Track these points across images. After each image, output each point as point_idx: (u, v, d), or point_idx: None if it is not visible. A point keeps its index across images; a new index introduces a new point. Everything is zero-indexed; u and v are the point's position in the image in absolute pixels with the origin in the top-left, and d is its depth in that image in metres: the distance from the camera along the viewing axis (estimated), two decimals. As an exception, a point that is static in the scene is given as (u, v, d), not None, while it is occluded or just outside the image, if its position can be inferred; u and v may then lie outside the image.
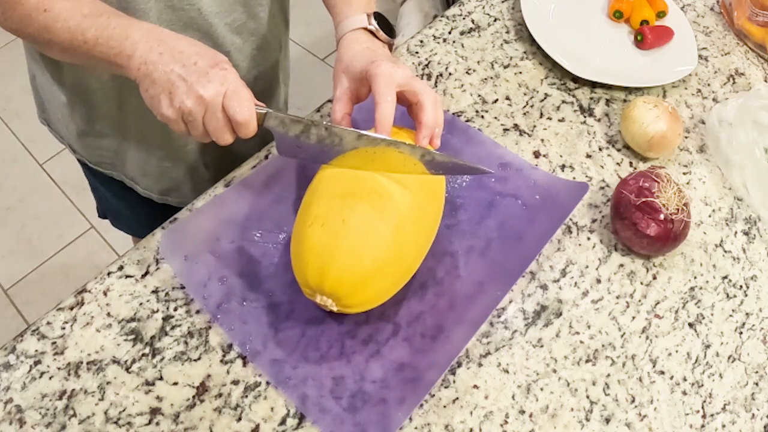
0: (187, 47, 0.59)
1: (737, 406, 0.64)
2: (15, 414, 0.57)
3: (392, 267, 0.59)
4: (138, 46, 0.58)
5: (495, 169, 0.75)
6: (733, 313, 0.70)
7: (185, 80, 0.57)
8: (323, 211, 0.58)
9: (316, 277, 0.56)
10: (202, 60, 0.58)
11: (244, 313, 0.63)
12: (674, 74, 0.88)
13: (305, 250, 0.57)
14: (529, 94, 0.86)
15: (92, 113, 0.81)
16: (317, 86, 2.11)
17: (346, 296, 0.57)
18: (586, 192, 0.72)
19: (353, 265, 0.56)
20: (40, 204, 1.85)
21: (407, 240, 0.59)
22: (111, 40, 0.59)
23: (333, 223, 0.57)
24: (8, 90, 2.05)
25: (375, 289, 0.59)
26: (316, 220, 0.57)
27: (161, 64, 0.58)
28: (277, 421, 0.58)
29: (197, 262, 0.65)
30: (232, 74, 0.58)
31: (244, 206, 0.69)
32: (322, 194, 0.60)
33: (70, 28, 0.60)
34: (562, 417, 0.61)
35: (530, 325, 0.66)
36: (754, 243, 0.76)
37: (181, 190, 0.89)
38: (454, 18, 0.94)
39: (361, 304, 0.59)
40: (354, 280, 0.56)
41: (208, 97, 0.57)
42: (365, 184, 0.59)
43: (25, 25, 0.62)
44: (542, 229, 0.70)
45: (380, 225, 0.57)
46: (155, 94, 0.58)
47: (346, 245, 0.56)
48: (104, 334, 0.62)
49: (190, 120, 0.58)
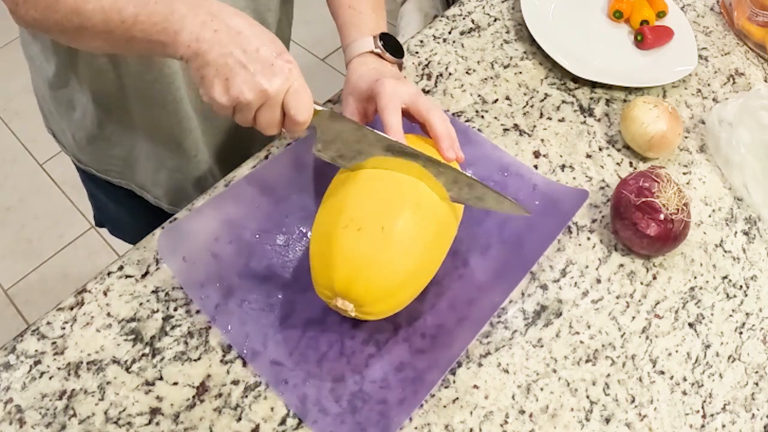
0: (245, 27, 0.54)
1: (737, 406, 0.64)
2: (15, 414, 0.57)
3: (419, 278, 0.59)
4: (186, 20, 0.53)
5: (495, 174, 0.75)
6: (733, 313, 0.70)
7: (246, 68, 0.52)
8: (360, 215, 0.56)
9: (344, 282, 0.55)
10: (265, 47, 0.53)
11: (243, 313, 0.62)
12: (674, 74, 0.88)
13: (336, 252, 0.55)
14: (529, 94, 0.86)
15: (103, 117, 0.79)
16: (317, 86, 2.11)
17: (370, 304, 0.56)
18: (586, 199, 0.72)
19: (386, 277, 0.55)
20: (40, 204, 1.85)
21: (435, 254, 0.59)
22: (153, 15, 0.53)
23: (371, 230, 0.55)
24: (8, 90, 2.05)
25: (399, 300, 0.59)
26: (351, 223, 0.55)
27: (218, 44, 0.52)
28: (277, 421, 0.58)
29: (195, 262, 0.65)
30: (296, 68, 0.55)
31: (244, 206, 0.69)
32: (358, 196, 0.58)
33: (104, 8, 0.54)
34: (562, 417, 0.61)
35: (530, 325, 0.66)
36: (754, 243, 0.76)
37: (192, 199, 0.89)
38: (454, 18, 0.94)
39: (382, 313, 0.59)
40: (383, 291, 0.56)
41: (272, 91, 0.53)
42: (406, 194, 0.57)
43: (51, 12, 0.56)
44: (542, 234, 0.69)
45: (417, 239, 0.56)
46: (209, 76, 0.53)
47: (383, 256, 0.55)
48: (104, 334, 0.62)
49: (243, 109, 0.54)
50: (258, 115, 0.55)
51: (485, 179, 0.74)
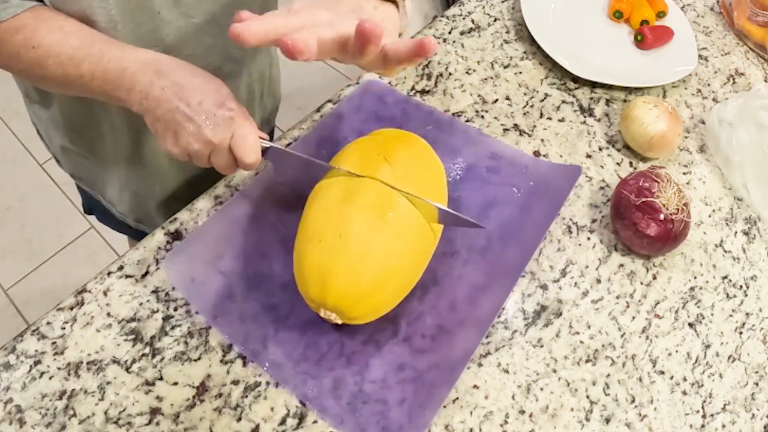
0: (188, 81, 0.57)
1: (737, 406, 0.64)
2: (15, 414, 0.57)
3: (393, 278, 0.58)
4: (136, 80, 0.56)
5: (485, 161, 0.75)
6: (733, 313, 0.70)
7: (192, 120, 0.55)
8: (319, 226, 0.57)
9: (318, 293, 0.56)
10: (207, 98, 0.56)
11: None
12: (674, 74, 0.88)
13: (305, 267, 0.57)
14: (529, 94, 0.86)
15: (73, 135, 0.80)
16: (317, 86, 2.12)
17: (348, 310, 0.57)
18: (579, 175, 0.73)
19: (353, 282, 0.56)
20: (40, 204, 1.85)
21: (405, 249, 0.59)
22: (107, 74, 0.57)
23: (329, 240, 0.56)
24: (8, 90, 2.05)
25: (378, 300, 0.58)
26: (314, 236, 0.57)
27: (165, 101, 0.56)
28: (277, 421, 0.58)
29: (204, 282, 0.64)
30: (239, 115, 0.57)
31: (242, 221, 0.68)
32: (318, 207, 0.59)
33: (62, 63, 0.57)
34: (562, 417, 0.61)
35: (530, 325, 0.66)
36: (754, 243, 0.76)
37: (155, 220, 0.89)
38: (454, 18, 0.94)
39: (365, 315, 0.59)
40: (355, 296, 0.56)
41: (216, 141, 0.56)
42: (360, 196, 0.58)
43: (14, 63, 0.59)
44: (540, 215, 0.70)
45: (377, 238, 0.56)
46: (160, 130, 0.57)
47: (343, 262, 0.55)
48: (104, 334, 0.62)
49: (195, 157, 0.58)
50: (211, 160, 0.58)
51: (475, 166, 0.75)
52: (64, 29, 0.58)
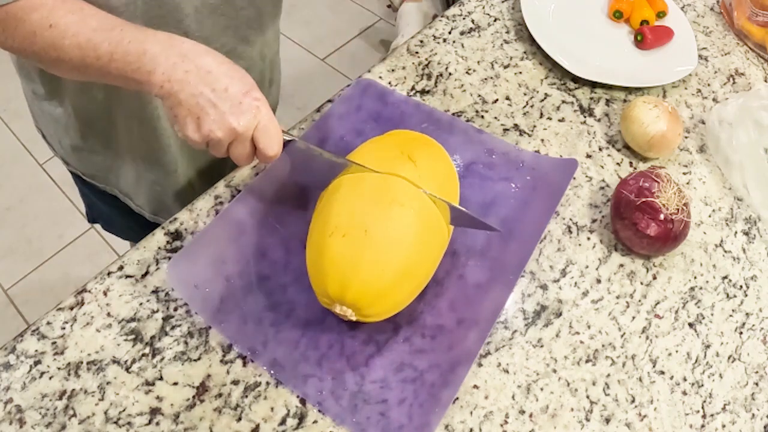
0: (214, 66, 0.56)
1: (737, 406, 0.64)
2: (15, 414, 0.57)
3: (412, 276, 0.59)
4: (158, 62, 0.55)
5: (482, 156, 0.76)
6: (733, 313, 0.70)
7: (216, 107, 0.54)
8: (344, 220, 0.57)
9: (338, 288, 0.56)
10: (234, 85, 0.55)
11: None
12: (674, 74, 0.88)
13: (326, 261, 0.56)
14: (529, 94, 0.86)
15: (86, 130, 0.80)
16: (317, 86, 2.11)
17: (367, 307, 0.57)
18: (575, 168, 0.73)
19: (376, 277, 0.56)
20: (40, 204, 1.85)
21: (426, 248, 0.59)
22: (127, 55, 0.55)
23: (355, 234, 0.56)
24: (8, 90, 2.05)
25: (396, 299, 0.59)
26: (336, 230, 0.56)
27: (188, 85, 0.54)
28: (277, 421, 0.58)
29: (208, 288, 0.63)
30: (264, 105, 0.57)
31: (243, 225, 0.68)
32: (342, 202, 0.59)
33: (80, 44, 0.56)
34: (562, 417, 0.61)
35: (530, 325, 0.66)
36: (754, 243, 0.76)
37: (172, 211, 0.88)
38: (454, 18, 0.94)
39: (381, 313, 0.59)
40: (376, 292, 0.56)
41: (240, 129, 0.55)
42: (387, 193, 0.58)
43: (29, 44, 0.57)
44: (539, 211, 0.70)
45: (403, 236, 0.57)
46: (181, 115, 0.55)
47: (368, 257, 0.55)
48: (104, 334, 0.62)
49: (215, 145, 0.56)
50: (230, 150, 0.57)
51: (472, 163, 0.75)
52: (84, 11, 0.57)
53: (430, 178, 0.61)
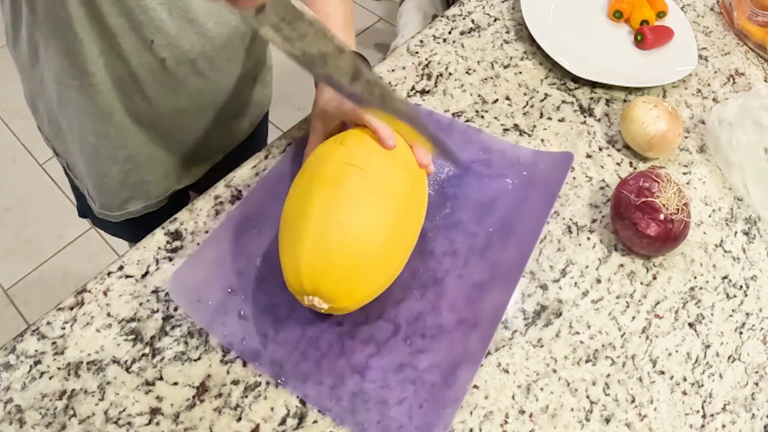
0: None
1: (737, 406, 0.64)
2: (15, 414, 0.57)
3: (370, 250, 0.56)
4: None
5: (478, 154, 0.76)
6: (733, 313, 0.70)
7: None
8: (286, 212, 0.59)
9: (295, 278, 0.56)
10: None
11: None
12: (674, 74, 0.88)
13: (283, 258, 0.58)
14: (529, 94, 0.86)
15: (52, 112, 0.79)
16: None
17: (327, 290, 0.55)
18: (572, 161, 0.73)
19: (320, 257, 0.55)
20: (40, 204, 1.85)
21: (398, 238, 0.59)
22: None
23: (294, 221, 0.57)
24: (8, 90, 2.05)
25: (359, 279, 0.57)
26: (284, 224, 0.59)
27: None
28: (277, 421, 0.58)
29: (211, 300, 0.63)
30: None
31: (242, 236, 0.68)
32: (312, 190, 0.58)
33: None
34: (562, 417, 0.61)
35: (530, 325, 0.66)
36: (754, 243, 0.76)
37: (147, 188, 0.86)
38: (454, 18, 0.94)
39: (348, 296, 0.57)
40: (327, 271, 0.55)
41: None
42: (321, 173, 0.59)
43: None
44: (537, 207, 0.71)
45: (338, 209, 0.56)
46: None
47: (308, 239, 0.55)
48: (104, 334, 0.62)
49: None
50: None
51: (471, 162, 0.76)
52: None
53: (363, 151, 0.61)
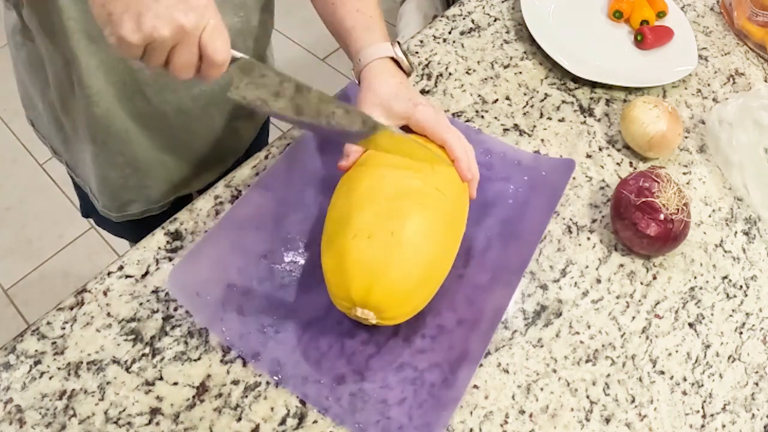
0: None
1: (737, 406, 0.64)
2: (15, 414, 0.57)
3: (434, 278, 0.59)
4: None
5: (479, 156, 0.74)
6: (733, 313, 0.70)
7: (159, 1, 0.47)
8: (367, 221, 0.56)
9: (362, 291, 0.55)
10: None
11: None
12: (674, 74, 0.88)
13: (349, 264, 0.55)
14: (529, 94, 0.86)
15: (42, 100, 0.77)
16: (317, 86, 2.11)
17: (390, 309, 0.56)
18: (573, 169, 0.73)
19: (402, 281, 0.55)
20: (40, 204, 1.85)
21: (446, 250, 0.60)
22: None
23: (381, 236, 0.55)
24: (8, 90, 2.04)
25: (417, 301, 0.59)
26: (359, 232, 0.55)
27: None
28: (277, 421, 0.58)
29: (210, 295, 0.63)
30: (212, 5, 0.50)
31: (245, 231, 0.67)
32: (363, 203, 0.58)
33: None
34: (562, 417, 0.61)
35: (530, 325, 0.66)
36: (754, 243, 0.76)
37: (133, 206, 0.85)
38: (454, 18, 0.94)
39: (402, 316, 0.59)
40: (402, 295, 0.56)
41: (189, 26, 0.47)
42: (408, 193, 0.58)
43: None
44: (538, 212, 0.70)
45: (427, 238, 0.57)
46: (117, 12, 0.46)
47: (396, 261, 0.55)
48: (104, 334, 0.62)
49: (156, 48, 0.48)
50: (173, 55, 0.49)
51: None
52: None
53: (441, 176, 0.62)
